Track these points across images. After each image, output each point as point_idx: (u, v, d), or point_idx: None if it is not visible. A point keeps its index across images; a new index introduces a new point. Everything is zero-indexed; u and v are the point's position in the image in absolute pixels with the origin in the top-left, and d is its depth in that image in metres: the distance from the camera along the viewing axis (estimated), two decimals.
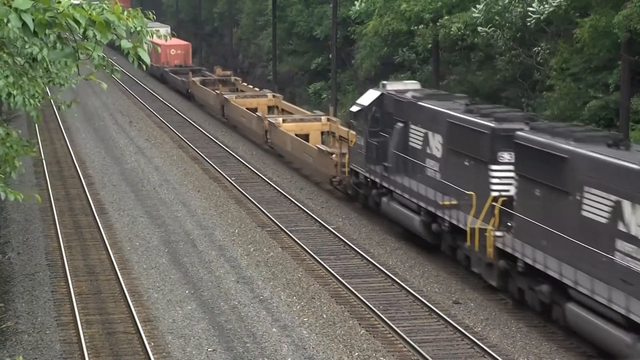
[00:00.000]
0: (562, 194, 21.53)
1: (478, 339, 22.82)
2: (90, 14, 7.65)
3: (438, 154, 27.76)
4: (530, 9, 31.97)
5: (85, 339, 22.69)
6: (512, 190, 23.97)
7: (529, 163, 22.88)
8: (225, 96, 52.75)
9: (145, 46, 8.46)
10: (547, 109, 34.06)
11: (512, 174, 24.01)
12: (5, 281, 27.82)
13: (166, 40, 10.66)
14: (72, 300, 25.37)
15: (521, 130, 23.72)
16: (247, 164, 43.70)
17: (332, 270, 28.08)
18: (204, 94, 57.79)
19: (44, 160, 43.95)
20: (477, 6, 34.67)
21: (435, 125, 27.85)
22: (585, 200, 20.68)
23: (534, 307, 23.44)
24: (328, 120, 42.47)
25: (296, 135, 41.17)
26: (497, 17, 33.84)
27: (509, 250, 23.42)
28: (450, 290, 26.89)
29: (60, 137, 50.89)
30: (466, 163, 26.08)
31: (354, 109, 33.22)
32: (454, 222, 26.19)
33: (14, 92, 13.02)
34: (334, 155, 36.13)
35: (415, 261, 29.49)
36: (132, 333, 23.36)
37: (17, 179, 24.86)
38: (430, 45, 39.95)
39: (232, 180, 40.33)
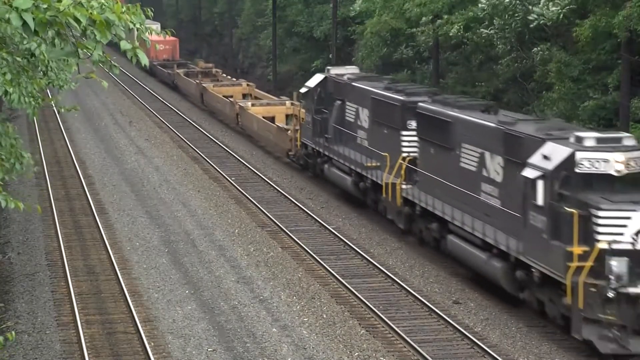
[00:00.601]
0: (447, 150, 27.33)
1: (478, 339, 22.82)
2: (90, 13, 7.65)
3: (366, 125, 33.47)
4: (535, 9, 31.82)
5: (85, 339, 22.68)
6: (417, 151, 29.80)
7: (426, 128, 28.70)
8: (204, 85, 58.44)
9: (140, 41, 8.50)
10: (547, 109, 34.04)
11: (416, 138, 29.67)
12: (5, 281, 27.81)
13: (165, 37, 10.75)
14: (72, 300, 25.36)
15: (423, 102, 29.36)
16: (247, 164, 43.71)
17: (332, 270, 28.08)
18: (187, 84, 63.45)
19: (44, 160, 43.96)
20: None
21: (364, 101, 33.41)
22: (462, 154, 26.54)
23: (429, 242, 29.31)
24: (292, 104, 47.01)
25: (263, 117, 46.72)
26: (498, 18, 33.62)
27: (410, 198, 29.47)
28: (450, 290, 26.89)
29: (60, 137, 50.86)
30: (385, 131, 31.76)
31: (303, 90, 38.88)
32: (374, 179, 32.13)
33: (10, 90, 13.00)
34: (289, 132, 41.87)
35: (415, 261, 29.49)
36: (132, 333, 23.35)
37: (18, 179, 24.84)
38: (431, 43, 39.91)
39: (232, 180, 40.34)
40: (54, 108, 49.88)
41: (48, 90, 49.35)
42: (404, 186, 29.90)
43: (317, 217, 34.27)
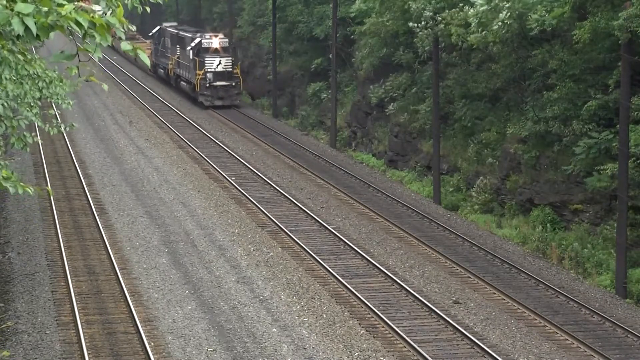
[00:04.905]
0: (185, 50, 63.95)
1: (478, 339, 22.85)
2: (92, 17, 7.68)
3: (169, 47, 69.52)
4: (534, 15, 31.69)
5: (85, 339, 22.71)
6: (179, 54, 66.20)
7: (182, 43, 64.94)
8: None
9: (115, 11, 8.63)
10: (548, 108, 34.04)
11: (180, 48, 66.11)
12: (5, 281, 27.83)
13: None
14: (72, 300, 25.38)
15: (181, 32, 67.42)
16: (247, 164, 43.74)
17: (332, 270, 28.11)
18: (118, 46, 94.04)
19: (44, 160, 43.96)
20: (474, 7, 34.25)
21: (168, 35, 70.18)
22: (186, 51, 63.45)
23: (179, 87, 67.20)
24: None
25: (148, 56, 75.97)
26: (490, 34, 33.43)
27: (176, 72, 67.62)
28: (450, 290, 26.91)
29: (60, 137, 50.82)
30: (173, 48, 67.70)
31: (150, 34, 77.53)
32: (168, 69, 69.89)
33: None
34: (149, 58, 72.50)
35: (415, 261, 29.51)
36: (132, 333, 23.37)
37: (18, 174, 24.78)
38: (429, 47, 39.85)
39: (232, 180, 40.36)
40: (54, 108, 49.83)
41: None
42: (176, 69, 66.95)
43: (317, 217, 34.30)
